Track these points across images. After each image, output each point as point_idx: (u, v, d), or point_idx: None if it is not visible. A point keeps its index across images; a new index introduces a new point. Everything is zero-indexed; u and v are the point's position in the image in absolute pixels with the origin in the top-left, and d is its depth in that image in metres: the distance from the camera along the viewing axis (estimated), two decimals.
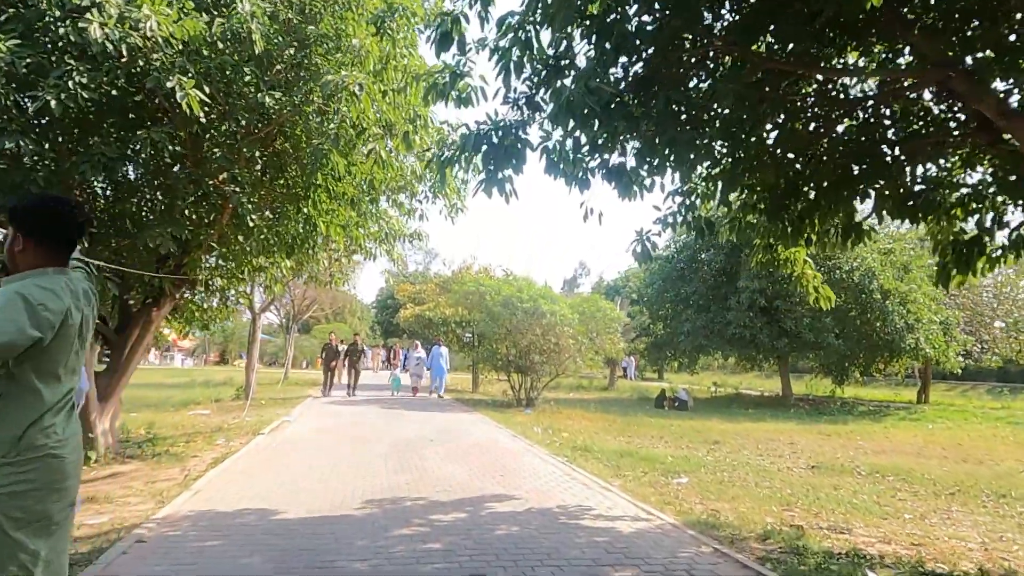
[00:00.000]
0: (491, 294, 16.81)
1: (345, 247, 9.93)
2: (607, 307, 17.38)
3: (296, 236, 7.64)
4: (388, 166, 6.83)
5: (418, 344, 20.72)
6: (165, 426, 11.40)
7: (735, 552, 4.72)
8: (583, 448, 9.80)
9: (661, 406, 20.07)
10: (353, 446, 9.20)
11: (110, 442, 7.85)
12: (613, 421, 14.92)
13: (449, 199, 9.00)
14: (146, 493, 6.08)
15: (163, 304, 7.94)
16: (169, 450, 8.51)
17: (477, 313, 17.61)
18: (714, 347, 23.08)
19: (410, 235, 10.51)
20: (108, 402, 7.85)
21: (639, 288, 33.49)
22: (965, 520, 6.47)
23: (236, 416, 13.01)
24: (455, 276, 26.06)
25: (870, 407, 21.66)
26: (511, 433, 11.09)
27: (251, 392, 16.38)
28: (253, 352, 17.33)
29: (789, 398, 23.62)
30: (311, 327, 45.47)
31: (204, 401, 16.02)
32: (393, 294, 37.12)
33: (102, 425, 7.71)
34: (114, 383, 7.95)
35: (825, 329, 20.82)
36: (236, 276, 8.50)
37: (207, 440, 9.58)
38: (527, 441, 10.23)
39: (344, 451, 8.75)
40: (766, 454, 10.63)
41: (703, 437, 12.65)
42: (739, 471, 8.64)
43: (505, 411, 15.38)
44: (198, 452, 8.51)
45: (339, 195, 8.06)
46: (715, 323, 22.44)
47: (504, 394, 17.67)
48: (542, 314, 15.70)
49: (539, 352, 15.95)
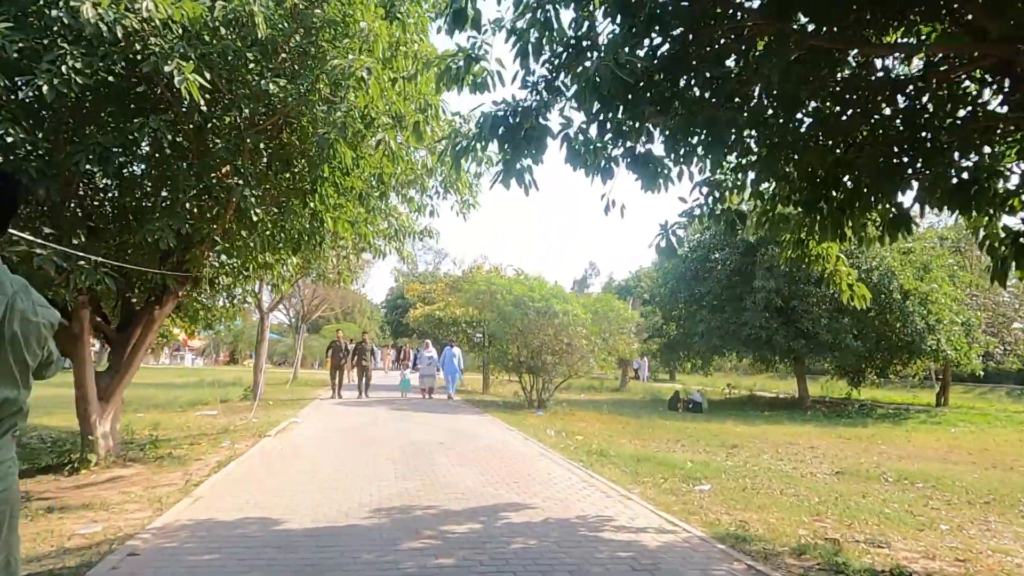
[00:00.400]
0: (502, 293, 16.50)
1: (353, 244, 9.64)
2: (620, 307, 17.02)
3: (302, 232, 7.36)
4: (398, 159, 6.54)
5: (429, 343, 19.98)
6: (171, 427, 11.17)
7: (771, 570, 4.37)
8: (599, 452, 9.48)
9: (675, 408, 19.70)
10: (361, 449, 8.92)
11: (111, 445, 7.60)
12: (627, 423, 14.58)
13: (461, 194, 8.70)
14: (144, 500, 5.81)
15: (166, 302, 7.68)
16: (172, 453, 8.26)
17: (488, 313, 17.30)
18: (729, 348, 22.64)
19: (420, 232, 10.24)
20: (109, 403, 7.60)
21: (651, 288, 33.07)
22: (1005, 532, 6.09)
23: (243, 417, 12.77)
24: (465, 276, 25.78)
25: (888, 410, 21.19)
26: (523, 436, 10.77)
27: (259, 393, 16.17)
28: (261, 352, 17.11)
29: (805, 400, 23.16)
30: (320, 327, 45.37)
31: (211, 401, 15.81)
32: (403, 294, 36.94)
33: (102, 427, 7.46)
34: (115, 383, 7.70)
35: (843, 330, 20.36)
36: (241, 273, 8.23)
37: (212, 442, 9.33)
38: (541, 445, 9.91)
39: (351, 455, 8.46)
40: (787, 459, 10.26)
41: (720, 441, 12.30)
42: (761, 477, 8.28)
43: (517, 413, 15.07)
44: (202, 455, 8.25)
45: (347, 190, 7.78)
46: (730, 324, 22.02)
47: (516, 395, 17.36)
48: (554, 314, 15.37)
49: (551, 353, 15.61)
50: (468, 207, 9.23)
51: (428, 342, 20.02)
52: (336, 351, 18.84)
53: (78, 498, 5.94)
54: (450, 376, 19.14)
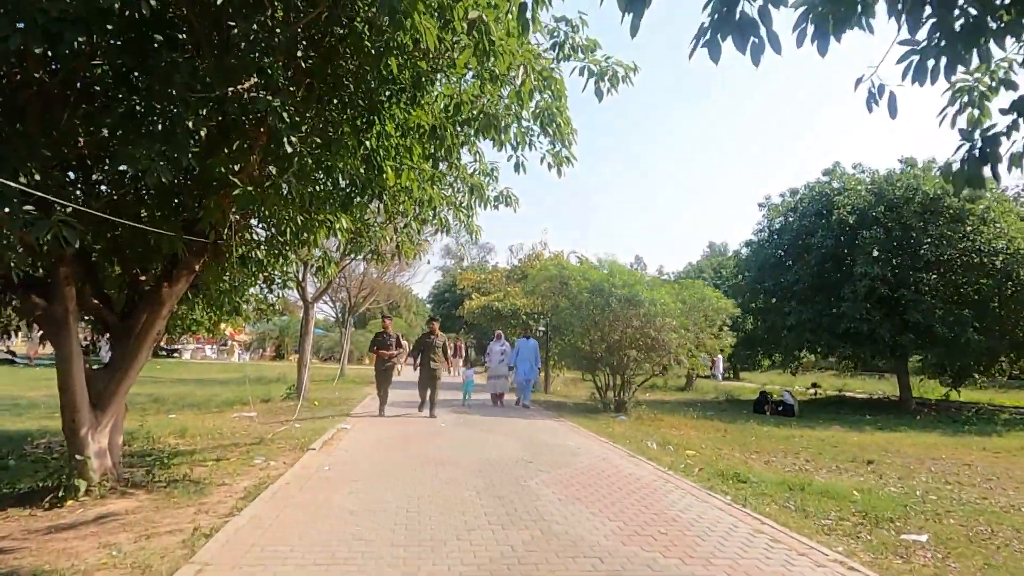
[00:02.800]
0: (576, 279, 14.31)
1: (414, 213, 7.58)
2: (711, 294, 14.60)
3: (355, 178, 5.36)
4: (498, 54, 4.41)
5: (500, 334, 15.70)
6: (200, 432, 9.41)
7: None
8: (734, 477, 7.26)
9: (762, 411, 17.28)
10: (429, 471, 6.87)
11: (108, 465, 5.75)
12: (724, 431, 12.31)
13: (563, 134, 6.53)
14: (128, 563, 3.87)
15: (177, 278, 5.78)
16: (190, 474, 6.39)
17: (562, 301, 15.10)
18: (822, 343, 19.90)
19: (496, 198, 8.09)
20: (107, 410, 5.75)
21: (725, 279, 30.27)
22: None
23: (285, 420, 10.97)
24: (523, 263, 23.69)
25: (1012, 414, 18.17)
26: (626, 452, 8.59)
27: (303, 392, 14.41)
28: (306, 346, 15.35)
29: (909, 403, 20.33)
30: (367, 321, 44.02)
31: (252, 400, 14.13)
32: (454, 284, 35.14)
33: (96, 443, 5.61)
34: (115, 384, 5.85)
35: (962, 322, 17.49)
36: (277, 242, 6.29)
37: (243, 457, 7.46)
38: (655, 465, 7.71)
39: (419, 480, 6.41)
40: (952, 481, 8.04)
41: (847, 454, 10.11)
42: (957, 515, 6.09)
43: (595, 417, 12.88)
44: (227, 477, 6.36)
45: (412, 128, 5.76)
46: (823, 316, 19.35)
47: (593, 398, 15.14)
48: (640, 303, 13.11)
49: (635, 347, 13.36)
50: (563, 161, 7.05)
51: (500, 332, 15.99)
52: (383, 346, 12.27)
53: (41, 552, 4.07)
54: (526, 379, 14.71)
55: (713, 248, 64.38)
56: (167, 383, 20.49)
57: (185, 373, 25.53)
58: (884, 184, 19.77)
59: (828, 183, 21.69)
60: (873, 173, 21.04)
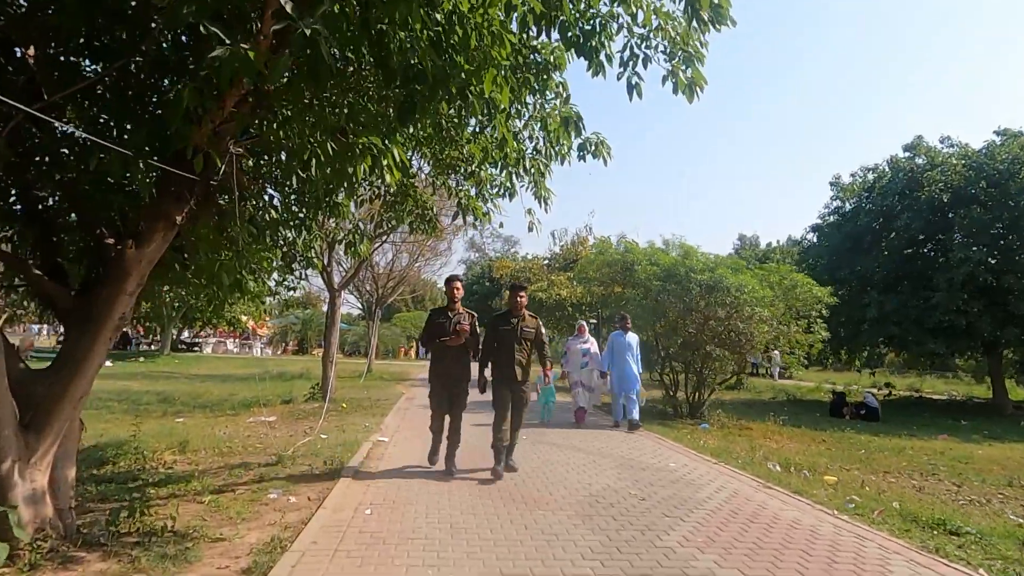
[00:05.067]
0: (643, 264, 12.20)
1: (482, 156, 5.55)
2: (802, 280, 12.38)
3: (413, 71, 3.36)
4: None
5: (584, 326, 11.44)
6: (206, 446, 7.56)
7: None
8: (933, 524, 5.18)
9: (839, 414, 15.10)
10: (515, 517, 4.87)
11: (48, 514, 3.83)
12: (821, 441, 10.28)
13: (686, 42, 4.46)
14: None
15: (149, 236, 3.85)
16: (175, 520, 4.43)
17: (627, 290, 12.99)
18: (911, 338, 17.49)
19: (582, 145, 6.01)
20: (46, 431, 3.84)
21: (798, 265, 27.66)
22: None
23: (309, 428, 9.08)
24: (564, 251, 21.63)
25: None
26: (754, 480, 6.48)
27: (330, 391, 12.55)
28: (332, 340, 13.48)
29: (1005, 406, 17.94)
30: (392, 315, 42.32)
31: (272, 401, 12.31)
32: (482, 275, 33.20)
33: (28, 482, 3.71)
34: (61, 390, 3.93)
35: None
36: (294, 189, 4.33)
37: (253, 487, 5.53)
38: (810, 503, 5.60)
39: (505, 537, 4.38)
40: None
41: (989, 473, 8.21)
42: None
43: (672, 425, 10.78)
44: (226, 527, 4.41)
45: None
46: (911, 307, 16.98)
47: (656, 399, 13.00)
48: (724, 289, 10.98)
49: (718, 342, 11.24)
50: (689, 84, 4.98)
51: (583, 324, 11.60)
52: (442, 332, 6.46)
53: None
54: (631, 386, 10.14)
55: (743, 240, 61.62)
56: (182, 379, 18.82)
57: (203, 368, 23.92)
58: (983, 158, 17.32)
59: (911, 159, 19.27)
60: (964, 147, 18.58)
